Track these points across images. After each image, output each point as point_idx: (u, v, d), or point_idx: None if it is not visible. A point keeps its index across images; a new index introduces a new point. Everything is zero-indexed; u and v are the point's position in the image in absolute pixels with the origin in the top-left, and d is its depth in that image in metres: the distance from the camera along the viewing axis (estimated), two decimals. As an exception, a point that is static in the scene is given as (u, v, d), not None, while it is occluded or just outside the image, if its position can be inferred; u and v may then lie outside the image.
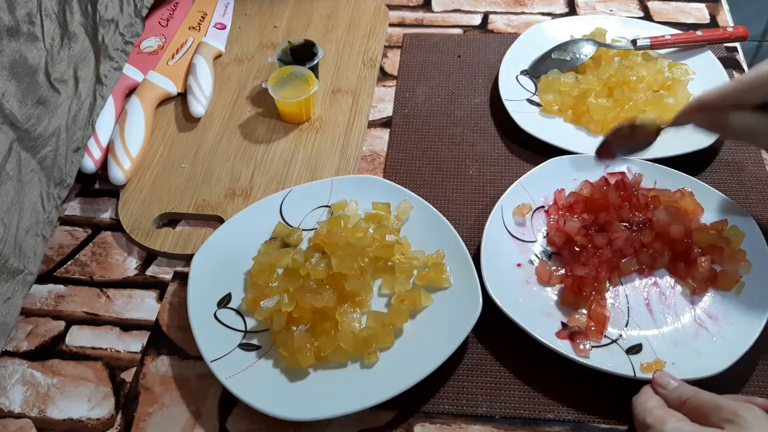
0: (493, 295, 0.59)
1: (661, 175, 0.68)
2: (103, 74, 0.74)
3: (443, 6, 0.95)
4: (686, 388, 0.50)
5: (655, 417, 0.48)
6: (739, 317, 0.58)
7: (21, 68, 0.61)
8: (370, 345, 0.57)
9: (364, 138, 0.78)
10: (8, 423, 0.57)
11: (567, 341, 0.57)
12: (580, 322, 0.58)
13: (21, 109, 0.61)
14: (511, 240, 0.65)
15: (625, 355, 0.57)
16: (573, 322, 0.58)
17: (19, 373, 0.60)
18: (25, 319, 0.64)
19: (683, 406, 0.49)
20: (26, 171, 0.61)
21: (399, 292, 0.61)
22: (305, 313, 0.58)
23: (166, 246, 0.68)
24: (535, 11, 0.93)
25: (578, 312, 0.59)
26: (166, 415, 0.57)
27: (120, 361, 0.61)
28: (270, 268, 0.63)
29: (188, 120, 0.80)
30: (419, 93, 0.83)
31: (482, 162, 0.75)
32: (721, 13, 0.91)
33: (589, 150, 0.71)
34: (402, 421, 0.56)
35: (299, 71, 0.76)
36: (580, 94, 0.76)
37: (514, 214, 0.66)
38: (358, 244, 0.62)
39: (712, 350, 0.56)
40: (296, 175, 0.73)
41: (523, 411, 0.56)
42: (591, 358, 0.56)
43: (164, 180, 0.74)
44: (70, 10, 0.68)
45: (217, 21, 0.91)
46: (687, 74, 0.78)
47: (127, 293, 0.66)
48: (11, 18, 0.59)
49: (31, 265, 0.62)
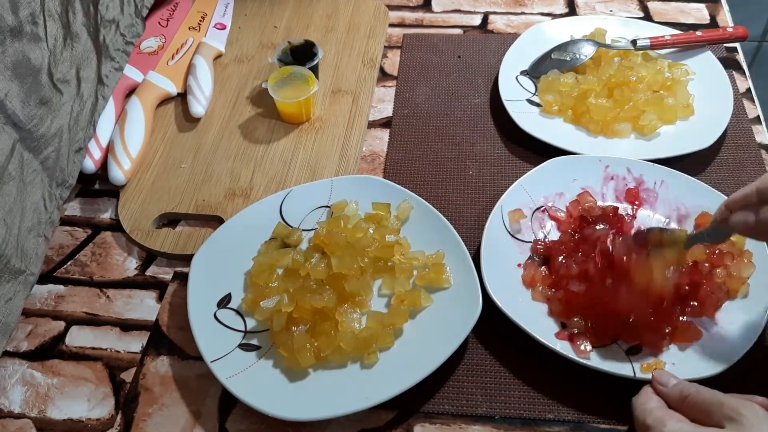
0: (493, 296, 0.59)
1: (661, 175, 0.68)
2: (104, 74, 0.74)
3: (443, 6, 0.95)
4: (687, 385, 0.50)
5: (655, 418, 0.48)
6: (739, 318, 0.58)
7: (24, 69, 0.61)
8: (370, 345, 0.57)
9: (364, 138, 0.78)
10: (8, 423, 0.57)
11: (566, 342, 0.57)
12: (579, 324, 0.58)
13: (24, 110, 0.61)
14: (511, 240, 0.65)
15: (624, 355, 0.57)
16: (572, 324, 0.58)
17: (19, 374, 0.60)
18: (25, 320, 0.64)
19: (684, 402, 0.49)
20: (28, 171, 0.62)
21: (399, 293, 0.61)
22: (305, 314, 0.58)
23: (166, 246, 0.68)
24: (535, 11, 0.93)
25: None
26: (166, 415, 0.57)
27: (120, 361, 0.61)
28: (270, 269, 0.63)
29: (188, 120, 0.80)
30: (419, 93, 0.83)
31: (482, 162, 0.75)
32: (721, 13, 0.91)
33: (589, 150, 0.72)
34: (402, 421, 0.56)
35: (299, 71, 0.76)
36: (580, 95, 0.76)
37: (512, 221, 0.65)
38: (358, 245, 0.63)
39: (712, 351, 0.56)
40: (296, 175, 0.73)
41: (523, 411, 0.56)
42: (591, 358, 0.56)
43: (164, 180, 0.74)
44: (72, 11, 0.68)
45: (217, 21, 0.91)
46: (687, 74, 0.78)
47: (127, 293, 0.66)
48: (14, 18, 0.59)
49: (33, 266, 0.62)
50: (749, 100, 0.80)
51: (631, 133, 0.74)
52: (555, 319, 0.59)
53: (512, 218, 0.65)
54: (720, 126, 0.73)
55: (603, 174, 0.69)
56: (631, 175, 0.69)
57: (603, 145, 0.73)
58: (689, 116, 0.75)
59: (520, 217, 0.65)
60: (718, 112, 0.75)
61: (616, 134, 0.74)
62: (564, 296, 0.59)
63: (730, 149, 0.74)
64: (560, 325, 0.59)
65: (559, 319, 0.59)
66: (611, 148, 0.72)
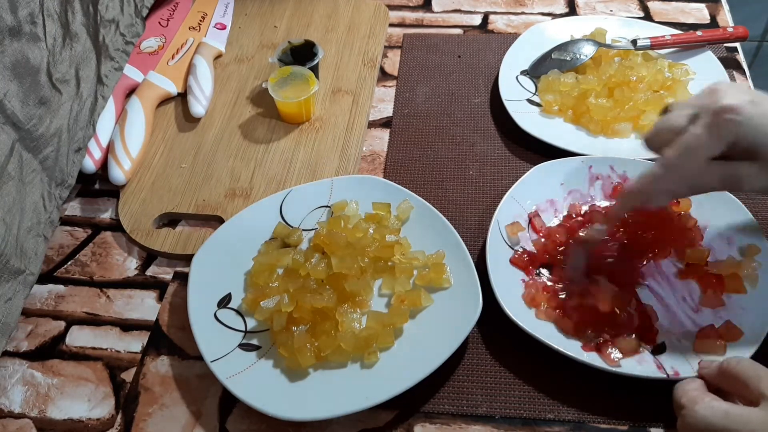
0: (512, 316, 0.58)
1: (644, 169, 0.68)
2: (104, 74, 0.74)
3: (443, 6, 0.95)
4: (729, 359, 0.50)
5: (689, 398, 0.48)
6: (756, 308, 0.58)
7: (23, 68, 0.61)
8: (370, 345, 0.57)
9: (364, 138, 0.78)
10: (8, 423, 0.57)
11: (594, 353, 0.56)
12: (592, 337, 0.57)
13: (23, 110, 0.61)
14: (511, 250, 0.64)
15: (650, 355, 0.56)
16: (587, 338, 0.57)
17: (19, 374, 0.60)
18: (25, 319, 0.64)
19: (724, 374, 0.49)
20: (28, 171, 0.61)
21: (399, 292, 0.61)
22: (305, 313, 0.58)
23: (166, 246, 0.68)
24: (535, 11, 0.93)
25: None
26: (166, 415, 0.57)
27: (120, 361, 0.61)
28: (270, 268, 0.63)
29: (188, 120, 0.80)
30: (419, 93, 0.83)
31: (482, 162, 0.75)
32: (721, 13, 0.91)
33: (589, 150, 0.72)
34: (402, 421, 0.56)
35: (299, 71, 0.76)
36: (580, 94, 0.76)
37: (510, 234, 0.64)
38: (358, 245, 0.63)
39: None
40: (296, 175, 0.73)
41: (523, 411, 0.56)
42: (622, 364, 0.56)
43: (164, 180, 0.74)
44: (71, 11, 0.68)
45: (217, 21, 0.91)
46: (687, 74, 0.78)
47: (127, 293, 0.66)
48: (13, 18, 0.59)
49: (33, 266, 0.62)
50: (749, 99, 0.80)
51: (631, 133, 0.74)
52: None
53: (510, 232, 0.64)
54: (720, 126, 0.73)
55: (588, 175, 0.69)
56: (615, 173, 0.69)
57: (603, 145, 0.73)
58: (689, 116, 0.75)
59: (518, 229, 0.64)
60: (718, 111, 0.75)
61: (616, 134, 0.74)
62: (574, 316, 0.59)
63: (730, 149, 0.74)
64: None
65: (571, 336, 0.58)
66: (611, 148, 0.72)
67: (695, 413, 0.46)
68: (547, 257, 0.63)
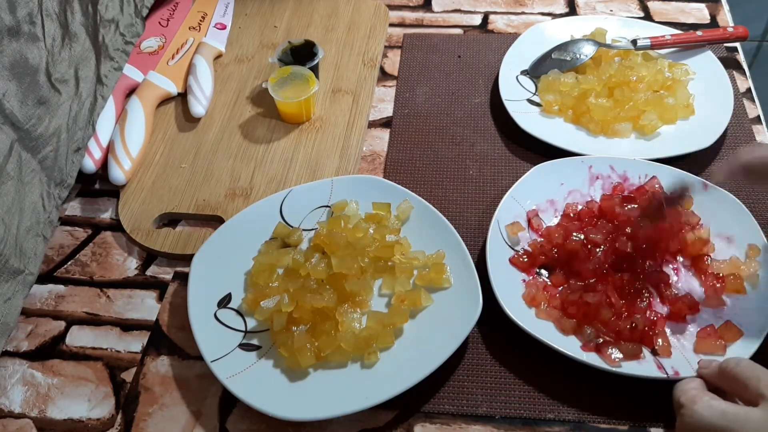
0: (514, 318, 0.58)
1: (644, 169, 0.68)
2: (103, 74, 0.74)
3: (443, 6, 0.95)
4: (729, 359, 0.50)
5: (688, 397, 0.48)
6: (755, 309, 0.58)
7: (22, 68, 0.61)
8: (370, 345, 0.57)
9: (364, 138, 0.78)
10: (8, 423, 0.57)
11: (593, 353, 0.56)
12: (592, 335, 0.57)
13: (22, 110, 0.61)
14: (511, 250, 0.64)
15: (650, 355, 0.56)
16: (586, 336, 0.57)
17: (20, 373, 0.60)
18: (25, 319, 0.64)
19: (723, 374, 0.49)
20: (27, 171, 0.61)
21: (399, 292, 0.61)
22: (305, 313, 0.58)
23: (166, 246, 0.68)
24: (535, 11, 0.93)
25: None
26: (166, 415, 0.57)
27: (120, 361, 0.61)
28: (270, 268, 0.63)
29: (188, 120, 0.80)
30: (419, 93, 0.83)
31: (482, 162, 0.75)
32: (721, 13, 0.91)
33: (589, 150, 0.71)
34: (402, 421, 0.56)
35: (299, 71, 0.76)
36: (580, 94, 0.76)
37: (510, 234, 0.64)
38: (358, 244, 0.62)
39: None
40: (296, 175, 0.73)
41: (523, 411, 0.56)
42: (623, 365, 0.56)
43: (164, 180, 0.74)
44: (71, 10, 0.68)
45: (217, 21, 0.91)
46: (687, 74, 0.78)
47: (127, 293, 0.66)
48: (12, 18, 0.59)
49: (32, 266, 0.62)
50: (749, 99, 0.80)
51: (631, 133, 0.74)
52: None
53: (510, 232, 0.64)
54: (720, 126, 0.73)
55: (588, 175, 0.69)
56: (615, 173, 0.69)
57: (603, 145, 0.73)
58: (689, 116, 0.75)
59: (518, 229, 0.64)
60: (718, 111, 0.75)
61: (616, 134, 0.74)
62: (575, 311, 0.59)
63: (730, 149, 0.74)
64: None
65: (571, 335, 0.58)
66: (611, 148, 0.72)
67: (694, 412, 0.47)
68: (545, 257, 0.63)
